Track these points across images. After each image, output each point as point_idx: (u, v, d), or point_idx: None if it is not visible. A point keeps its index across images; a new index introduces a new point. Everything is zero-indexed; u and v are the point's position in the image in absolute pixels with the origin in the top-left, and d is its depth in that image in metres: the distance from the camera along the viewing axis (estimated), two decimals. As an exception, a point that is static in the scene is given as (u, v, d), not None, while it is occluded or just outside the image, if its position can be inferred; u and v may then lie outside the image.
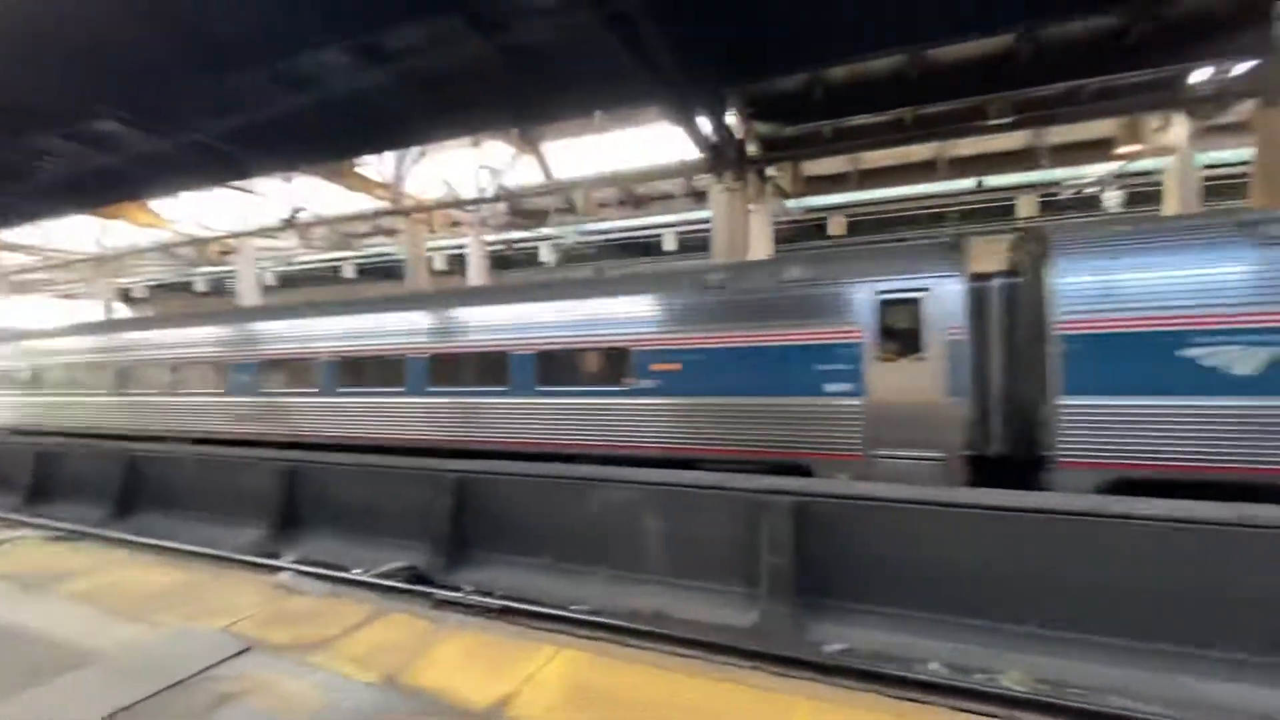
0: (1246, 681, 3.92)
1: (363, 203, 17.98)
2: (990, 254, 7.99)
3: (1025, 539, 4.56)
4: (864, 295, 7.12)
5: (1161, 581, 4.22)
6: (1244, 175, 11.57)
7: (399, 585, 5.74)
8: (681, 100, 8.92)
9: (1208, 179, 12.61)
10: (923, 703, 3.25)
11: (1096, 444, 6.09)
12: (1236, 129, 11.25)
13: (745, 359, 7.54)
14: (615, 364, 8.25)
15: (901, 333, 6.96)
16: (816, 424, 7.19)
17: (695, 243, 17.75)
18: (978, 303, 6.95)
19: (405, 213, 16.65)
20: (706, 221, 13.64)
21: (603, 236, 19.57)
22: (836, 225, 17.78)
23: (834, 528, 5.04)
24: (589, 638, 4.04)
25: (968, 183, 14.76)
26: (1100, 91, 10.16)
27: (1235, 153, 12.37)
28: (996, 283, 7.05)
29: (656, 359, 7.97)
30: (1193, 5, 8.33)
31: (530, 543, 6.36)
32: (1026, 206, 15.25)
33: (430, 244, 19.13)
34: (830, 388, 7.14)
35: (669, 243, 18.93)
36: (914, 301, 6.93)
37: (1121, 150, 10.83)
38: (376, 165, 16.60)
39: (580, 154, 16.48)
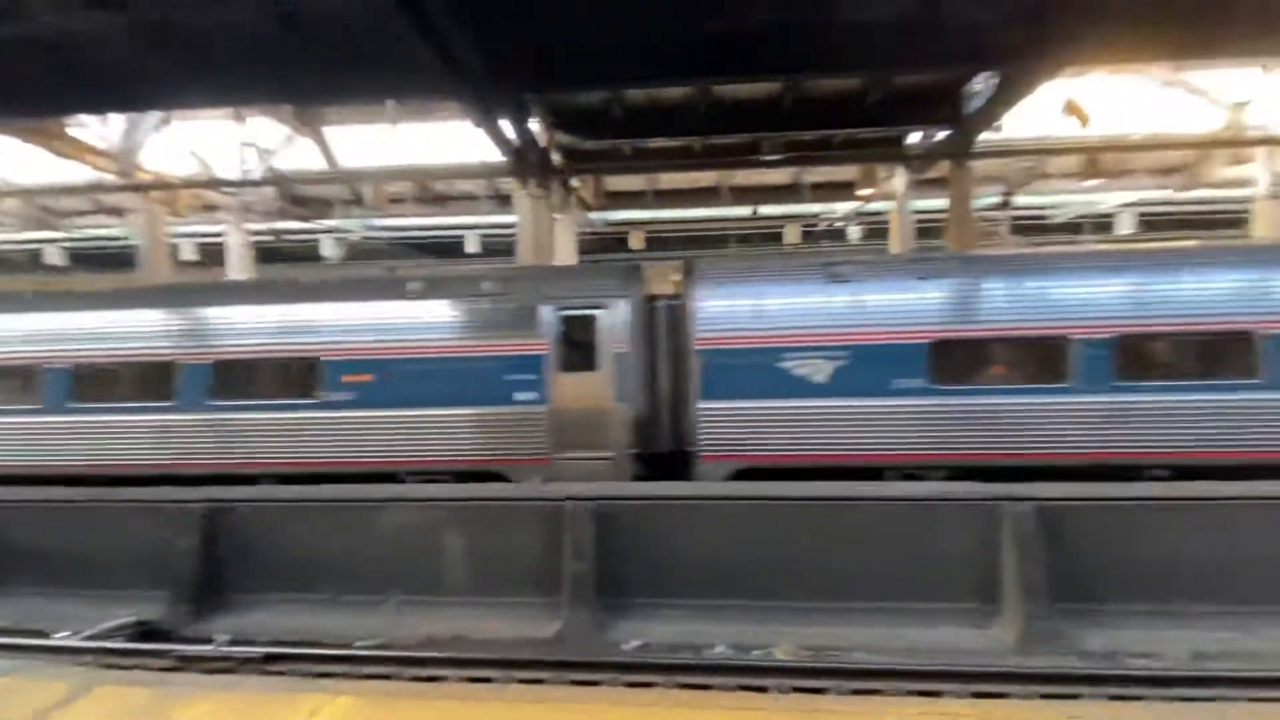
0: (949, 625, 4.88)
1: (78, 173, 14.42)
2: (665, 279, 9.39)
3: (792, 525, 5.16)
4: (548, 312, 7.77)
5: (889, 551, 5.08)
6: (944, 221, 14.66)
7: (118, 646, 4.64)
8: (483, 101, 8.66)
9: (920, 222, 15.71)
10: (706, 687, 3.47)
11: (725, 440, 7.36)
12: (940, 183, 14.24)
13: (440, 369, 7.73)
14: (303, 375, 7.87)
15: (579, 346, 7.74)
16: (508, 431, 7.67)
17: (501, 247, 17.37)
18: (644, 321, 7.92)
19: (139, 189, 13.71)
20: (512, 226, 13.43)
21: (397, 234, 18.19)
22: (636, 240, 18.72)
23: (632, 528, 5.22)
24: (375, 676, 3.65)
25: (745, 210, 16.55)
26: (847, 141, 12.10)
27: (939, 202, 15.65)
28: (660, 304, 8.15)
29: (348, 370, 7.75)
30: (910, 80, 10.33)
31: (305, 577, 5.57)
32: (792, 234, 17.55)
33: (180, 228, 16.05)
34: (520, 396, 7.61)
35: (471, 245, 18.25)
36: (590, 319, 7.76)
37: (860, 192, 13.05)
38: (100, 129, 13.44)
39: (371, 143, 15.14)
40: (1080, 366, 6.99)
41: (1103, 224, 17.73)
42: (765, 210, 17.32)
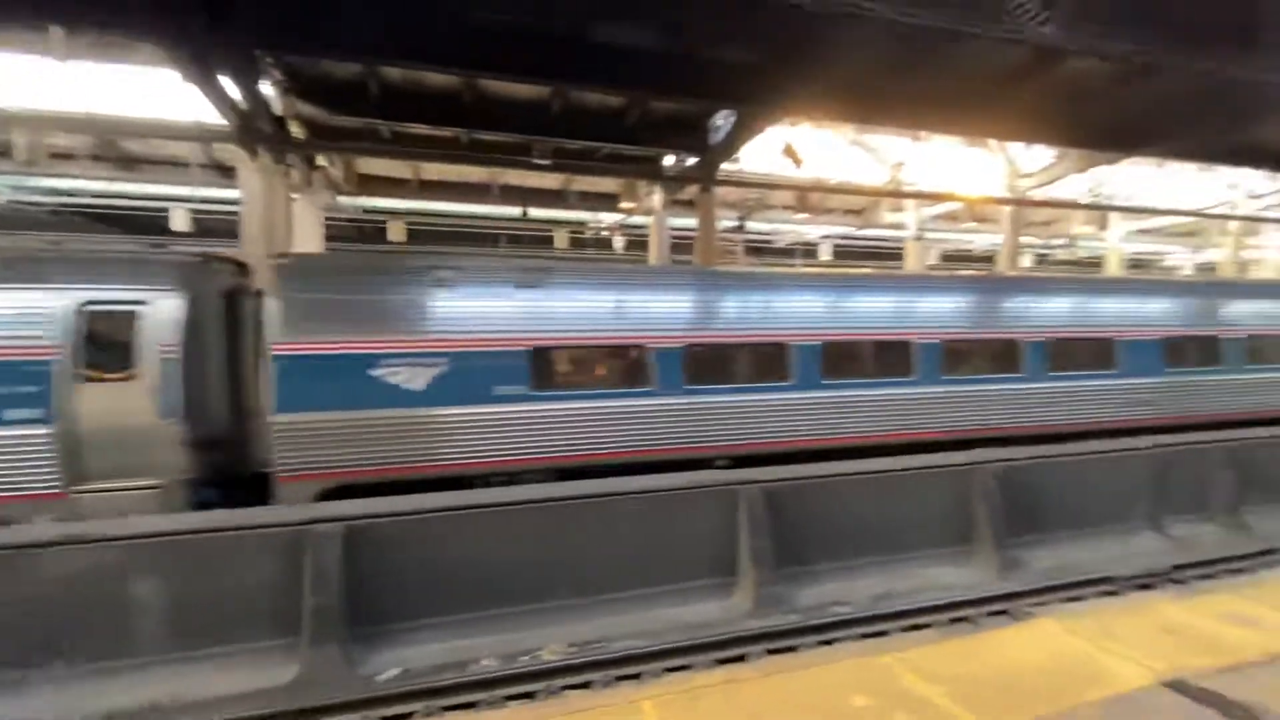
0: (699, 602, 5.42)
1: None
2: (250, 274, 8.08)
3: (552, 525, 5.22)
4: (62, 305, 6.24)
5: (646, 540, 5.46)
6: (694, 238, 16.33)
7: None
8: (197, 51, 7.15)
9: (677, 238, 17.25)
10: (473, 705, 3.33)
11: (307, 457, 6.57)
12: (691, 204, 15.81)
13: None
14: None
15: (113, 349, 6.38)
16: None
17: (219, 225, 14.57)
18: (211, 320, 6.90)
19: None
20: (236, 203, 11.36)
21: (69, 199, 14.15)
22: (397, 231, 17.32)
23: (387, 547, 4.78)
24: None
25: (516, 210, 16.42)
26: (611, 155, 12.74)
27: (692, 220, 17.37)
28: (241, 300, 7.19)
29: None
30: (665, 107, 11.27)
31: None
32: (561, 239, 17.92)
33: None
34: (8, 415, 6.00)
35: (179, 220, 15.02)
36: (128, 315, 6.41)
37: (623, 205, 13.88)
38: None
39: (27, 79, 11.49)
40: (656, 373, 7.84)
41: (810, 250, 21.57)
42: (536, 213, 17.40)
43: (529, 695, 4.28)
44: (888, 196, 17.24)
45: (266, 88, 9.74)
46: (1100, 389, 9.99)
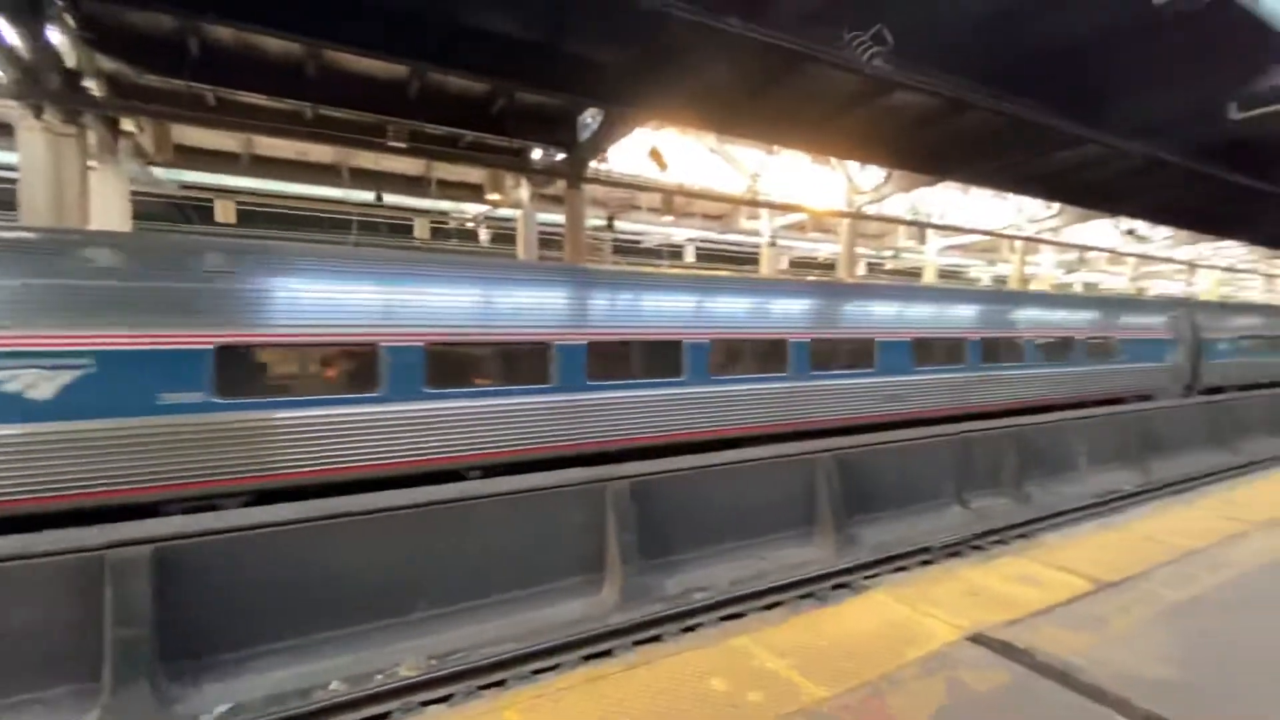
0: (567, 601, 5.39)
1: None
2: None
3: (408, 535, 4.93)
4: None
5: (509, 543, 5.34)
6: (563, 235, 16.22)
7: None
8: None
9: (546, 234, 17.00)
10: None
11: None
12: (560, 200, 15.67)
13: None
14: None
15: None
16: None
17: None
18: None
19: None
20: (13, 168, 9.43)
21: None
22: (225, 211, 15.35)
23: (209, 569, 4.22)
24: None
25: (369, 195, 15.25)
26: (474, 144, 12.26)
27: (560, 216, 17.22)
28: None
29: None
30: (534, 100, 11.06)
31: None
32: (422, 229, 16.94)
33: None
34: None
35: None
36: None
37: (489, 197, 13.43)
38: None
39: None
40: (389, 375, 6.93)
41: (676, 252, 22.35)
42: (393, 200, 16.27)
43: (383, 717, 4.00)
44: (744, 204, 18.33)
45: (57, 36, 8.19)
46: (858, 386, 10.64)
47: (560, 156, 12.64)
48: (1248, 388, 16.66)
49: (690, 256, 21.95)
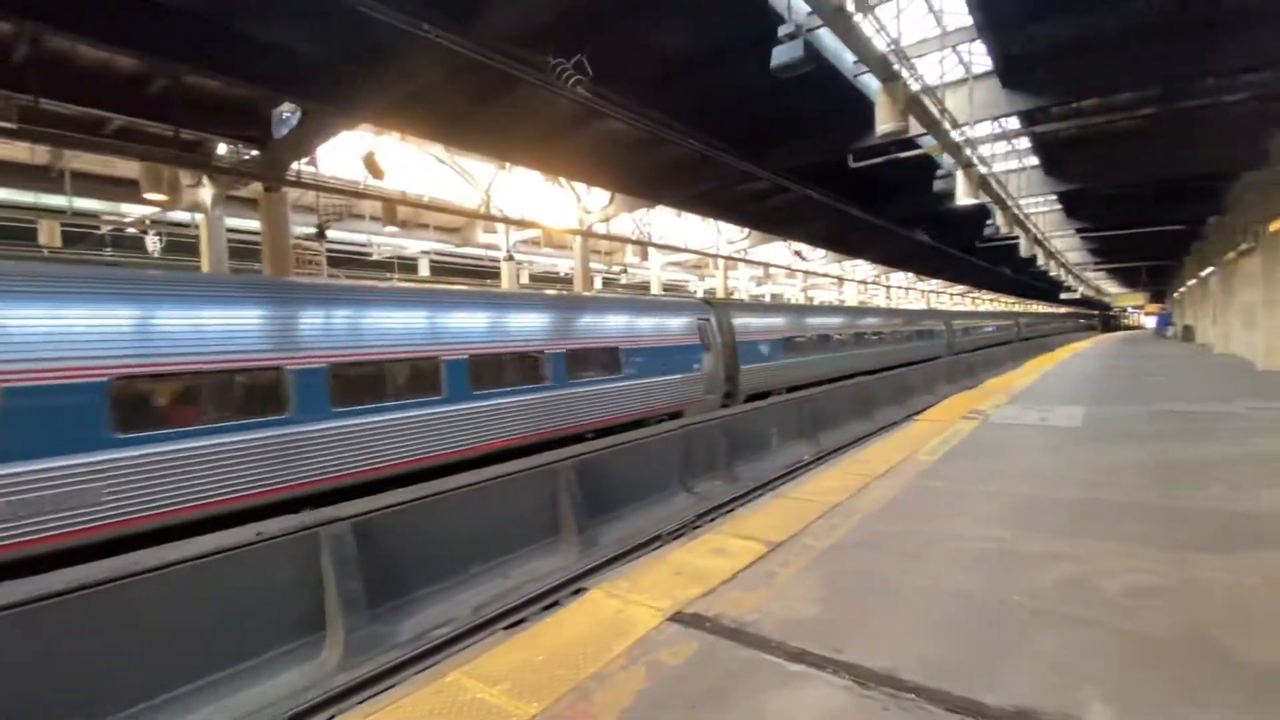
0: (267, 679, 4.57)
1: None
2: None
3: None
4: None
5: (180, 625, 4.36)
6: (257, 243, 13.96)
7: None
8: None
9: (241, 242, 14.44)
10: None
11: None
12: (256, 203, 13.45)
13: None
14: None
15: None
16: None
17: None
18: None
19: None
20: None
21: None
22: None
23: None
24: None
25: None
26: (127, 130, 9.87)
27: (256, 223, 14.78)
28: None
29: None
30: (209, 85, 9.30)
31: None
32: (49, 234, 13.07)
33: None
34: None
35: None
36: None
37: (150, 197, 10.89)
38: None
39: None
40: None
41: (409, 265, 21.02)
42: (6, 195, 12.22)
43: None
44: (474, 217, 18.06)
45: None
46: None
47: (253, 153, 10.88)
48: (798, 389, 15.31)
49: (425, 270, 20.85)
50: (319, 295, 8.10)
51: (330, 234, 16.28)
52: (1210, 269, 23.16)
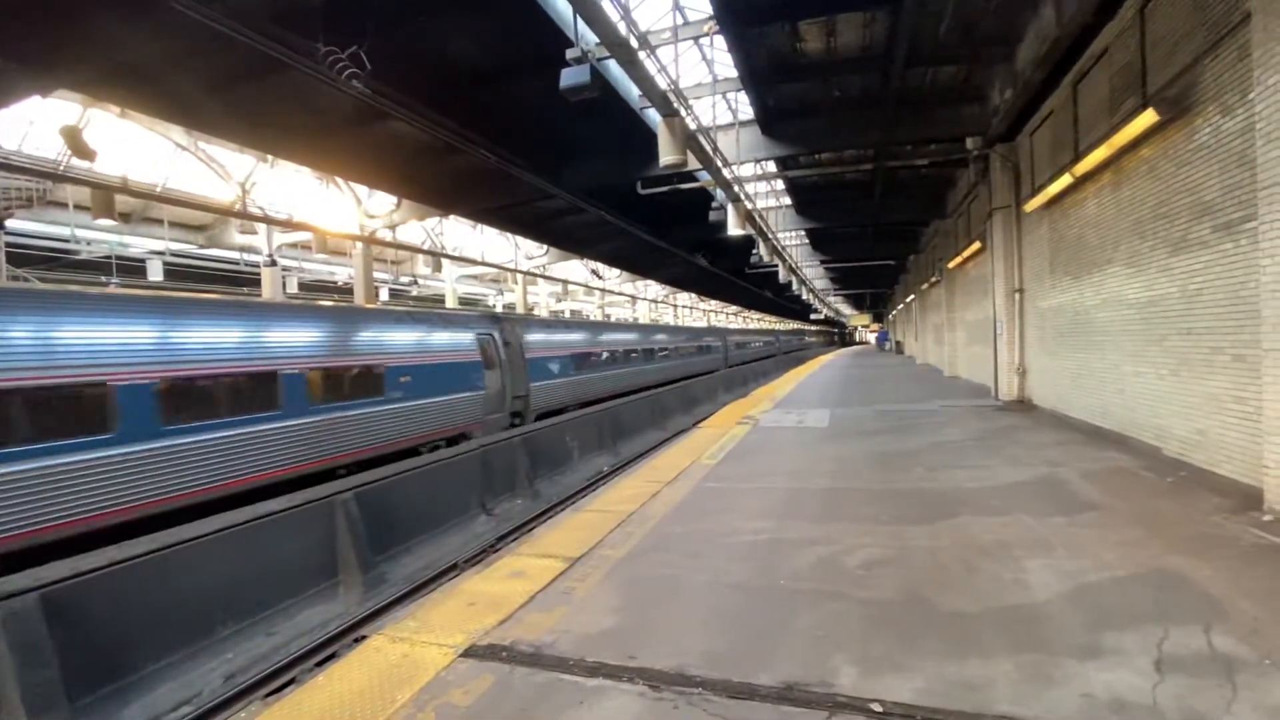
0: None
1: None
2: None
3: None
4: None
5: None
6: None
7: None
8: None
9: None
10: None
11: None
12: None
13: None
14: None
15: None
16: None
17: None
18: None
19: None
20: None
21: None
22: None
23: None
24: None
25: None
26: None
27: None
28: None
29: None
30: None
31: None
32: None
33: None
34: None
35: None
36: None
37: None
38: None
39: None
40: None
41: (133, 267, 17.27)
42: None
43: None
44: (227, 215, 15.56)
45: None
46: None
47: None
48: (592, 403, 15.44)
49: (157, 274, 17.31)
50: None
51: (13, 224, 12.68)
52: (912, 296, 29.26)
